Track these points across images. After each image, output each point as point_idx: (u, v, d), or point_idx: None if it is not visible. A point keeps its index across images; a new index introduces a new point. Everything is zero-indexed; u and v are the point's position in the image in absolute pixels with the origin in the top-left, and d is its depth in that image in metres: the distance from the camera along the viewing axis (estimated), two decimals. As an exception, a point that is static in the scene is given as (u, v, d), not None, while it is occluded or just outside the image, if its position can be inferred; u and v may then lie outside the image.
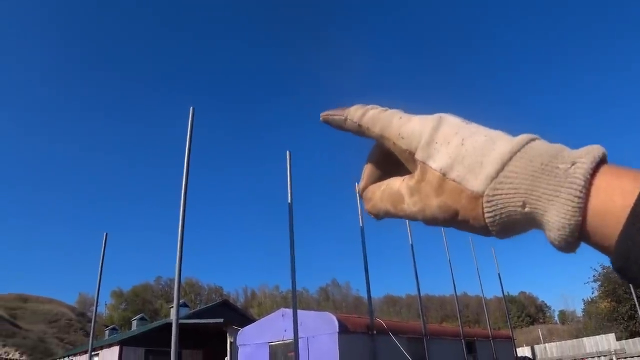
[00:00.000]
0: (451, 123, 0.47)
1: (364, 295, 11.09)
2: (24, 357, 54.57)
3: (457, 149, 0.44)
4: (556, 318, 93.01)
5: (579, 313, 77.96)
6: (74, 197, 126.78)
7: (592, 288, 36.99)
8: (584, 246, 0.40)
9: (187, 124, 8.08)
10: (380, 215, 0.52)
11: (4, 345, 57.96)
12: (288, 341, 9.69)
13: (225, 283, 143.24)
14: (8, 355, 55.24)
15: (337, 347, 9.17)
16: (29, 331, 65.34)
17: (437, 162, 0.45)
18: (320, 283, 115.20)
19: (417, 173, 0.47)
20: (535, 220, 0.40)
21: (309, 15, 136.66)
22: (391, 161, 0.53)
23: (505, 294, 21.79)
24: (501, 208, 0.40)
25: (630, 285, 22.23)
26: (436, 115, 0.48)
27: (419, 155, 0.46)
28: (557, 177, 0.38)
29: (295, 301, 7.24)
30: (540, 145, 0.41)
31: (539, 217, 0.39)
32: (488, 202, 0.41)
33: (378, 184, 0.53)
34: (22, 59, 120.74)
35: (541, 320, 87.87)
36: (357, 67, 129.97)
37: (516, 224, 0.41)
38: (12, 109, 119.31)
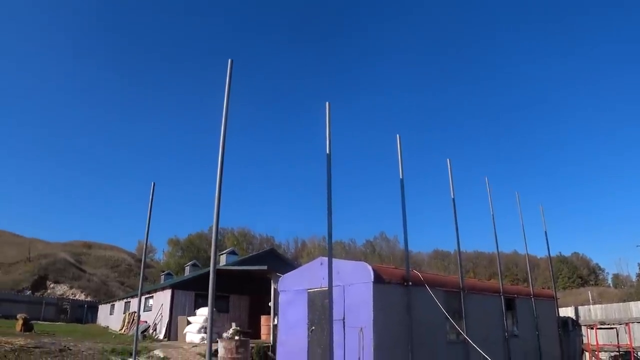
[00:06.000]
0: None
1: (408, 247, 11.12)
2: (88, 298, 59.16)
3: None
4: (609, 281, 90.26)
5: (634, 277, 75.29)
6: (131, 151, 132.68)
7: (648, 251, 35.36)
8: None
9: (226, 77, 8.11)
10: None
11: (71, 287, 63.00)
12: (325, 288, 10.00)
13: (277, 234, 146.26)
14: (75, 296, 60.05)
15: (372, 296, 9.31)
16: (93, 275, 70.31)
17: None
18: (369, 236, 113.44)
19: None
20: None
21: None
22: None
23: (558, 253, 21.24)
24: None
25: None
26: None
27: None
28: None
29: (331, 250, 7.38)
30: None
31: None
32: None
33: None
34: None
35: (592, 283, 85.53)
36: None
37: None
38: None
